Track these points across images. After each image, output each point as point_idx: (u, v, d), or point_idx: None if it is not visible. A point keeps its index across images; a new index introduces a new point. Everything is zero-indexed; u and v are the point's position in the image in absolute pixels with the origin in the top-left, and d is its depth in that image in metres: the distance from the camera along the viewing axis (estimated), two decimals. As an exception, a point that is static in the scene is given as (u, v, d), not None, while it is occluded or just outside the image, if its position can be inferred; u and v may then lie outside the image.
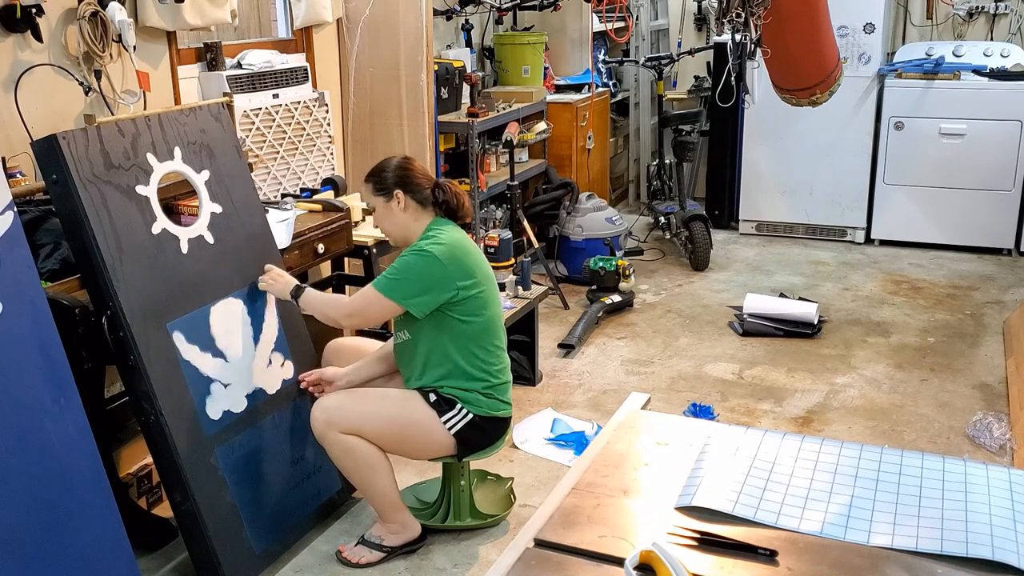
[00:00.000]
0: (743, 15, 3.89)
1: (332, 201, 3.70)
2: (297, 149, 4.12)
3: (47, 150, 2.54)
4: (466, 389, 2.77)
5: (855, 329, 4.71)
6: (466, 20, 5.59)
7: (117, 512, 2.49)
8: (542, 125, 5.61)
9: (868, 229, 6.16)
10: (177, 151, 2.87)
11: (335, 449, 2.75)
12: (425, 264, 2.71)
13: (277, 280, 2.92)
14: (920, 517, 1.57)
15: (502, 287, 3.99)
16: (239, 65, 3.92)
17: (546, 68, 5.98)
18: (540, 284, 4.29)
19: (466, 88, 5.10)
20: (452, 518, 2.97)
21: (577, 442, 3.51)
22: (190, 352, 2.72)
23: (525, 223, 5.08)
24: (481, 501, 3.04)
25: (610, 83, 6.86)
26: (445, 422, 2.75)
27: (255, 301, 2.98)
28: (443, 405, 2.76)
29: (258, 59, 3.96)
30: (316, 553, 2.94)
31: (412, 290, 2.71)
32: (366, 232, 3.83)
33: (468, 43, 5.63)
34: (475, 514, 2.99)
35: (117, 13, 3.27)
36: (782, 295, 5.09)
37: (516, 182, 5.01)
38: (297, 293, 2.86)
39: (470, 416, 2.77)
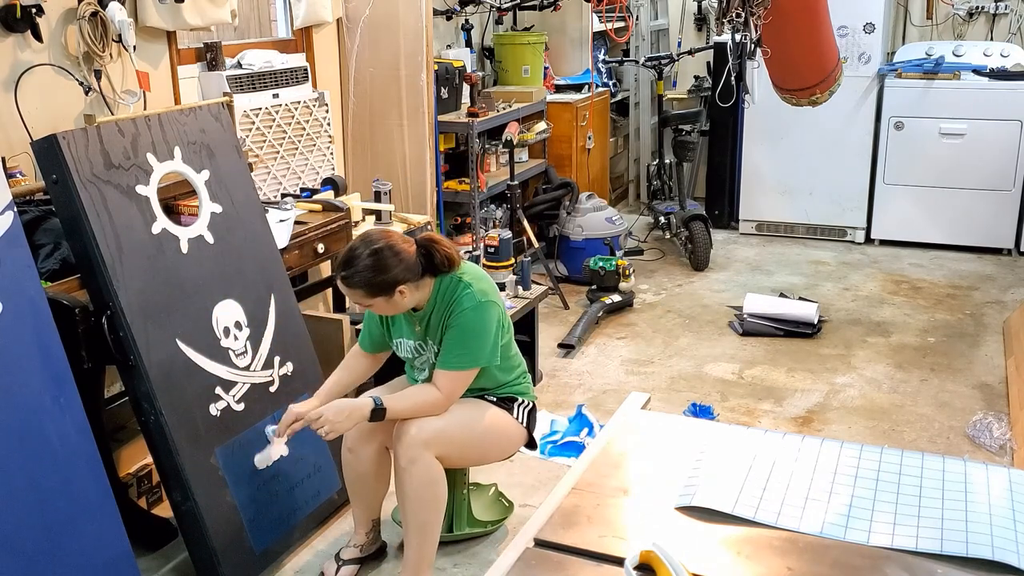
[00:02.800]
0: (743, 15, 3.89)
1: (332, 201, 3.70)
2: (297, 149, 4.12)
3: (47, 150, 2.54)
4: (515, 383, 2.78)
5: (855, 329, 4.71)
6: (466, 20, 5.59)
7: (117, 512, 2.49)
8: (542, 125, 5.61)
9: (868, 229, 6.16)
10: (177, 151, 2.87)
11: (423, 476, 2.51)
12: (489, 316, 2.57)
13: (342, 416, 2.54)
14: (920, 517, 1.57)
15: (502, 287, 4.00)
16: (239, 65, 3.92)
17: (546, 68, 5.98)
18: (540, 284, 4.29)
19: (466, 88, 5.10)
20: (456, 527, 2.95)
21: (577, 449, 3.51)
22: (190, 352, 2.72)
23: (525, 223, 5.08)
24: (475, 509, 3.03)
25: (610, 83, 6.86)
26: (516, 416, 2.75)
27: (255, 301, 2.98)
28: (506, 403, 2.75)
29: (258, 59, 3.96)
30: (316, 553, 2.94)
31: (488, 346, 2.58)
32: (366, 232, 3.83)
33: (468, 43, 5.63)
34: (473, 522, 2.98)
35: (117, 13, 3.27)
36: (782, 295, 5.09)
37: (516, 182, 5.01)
38: (378, 413, 2.54)
39: (529, 404, 2.81)
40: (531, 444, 2.86)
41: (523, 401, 2.79)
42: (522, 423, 2.77)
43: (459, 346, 2.56)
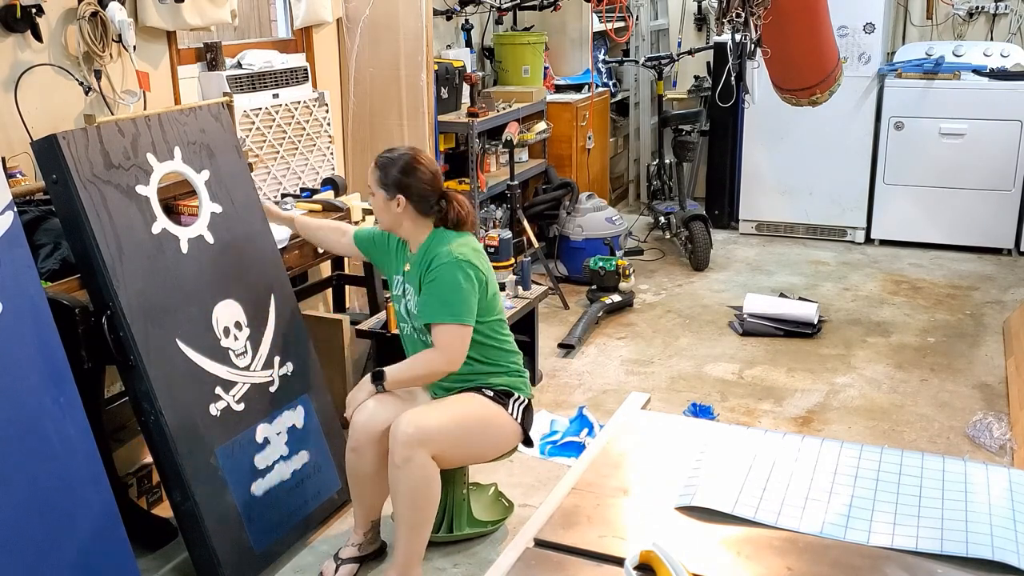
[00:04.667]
0: (743, 15, 3.89)
1: (332, 201, 3.70)
2: (297, 149, 4.12)
3: (47, 150, 2.54)
4: (511, 374, 2.79)
5: (855, 329, 4.71)
6: (466, 20, 5.59)
7: (117, 512, 2.49)
8: (542, 125, 5.61)
9: (868, 229, 6.16)
10: (177, 151, 2.87)
11: (417, 474, 2.52)
12: (462, 273, 2.63)
13: (354, 392, 2.76)
14: (920, 517, 1.57)
15: (502, 287, 4.00)
16: (239, 65, 3.92)
17: (546, 68, 5.98)
18: (540, 284, 4.29)
19: (466, 88, 5.10)
20: (456, 528, 2.94)
21: (577, 449, 3.51)
22: (190, 352, 2.72)
23: (525, 223, 5.08)
24: (475, 508, 3.03)
25: (610, 83, 6.86)
26: (511, 412, 2.75)
27: (255, 301, 2.98)
28: (502, 397, 2.75)
29: (258, 59, 3.96)
30: (316, 553, 2.94)
31: (465, 303, 2.63)
32: (366, 232, 3.83)
33: (468, 43, 5.63)
34: (473, 522, 2.98)
35: (117, 13, 3.27)
36: (782, 295, 5.09)
37: (516, 182, 5.01)
38: (379, 377, 2.68)
39: (525, 400, 2.81)
40: (527, 442, 2.87)
41: (519, 397, 2.80)
42: (517, 420, 2.77)
43: (437, 300, 2.63)
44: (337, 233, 3.12)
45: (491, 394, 2.74)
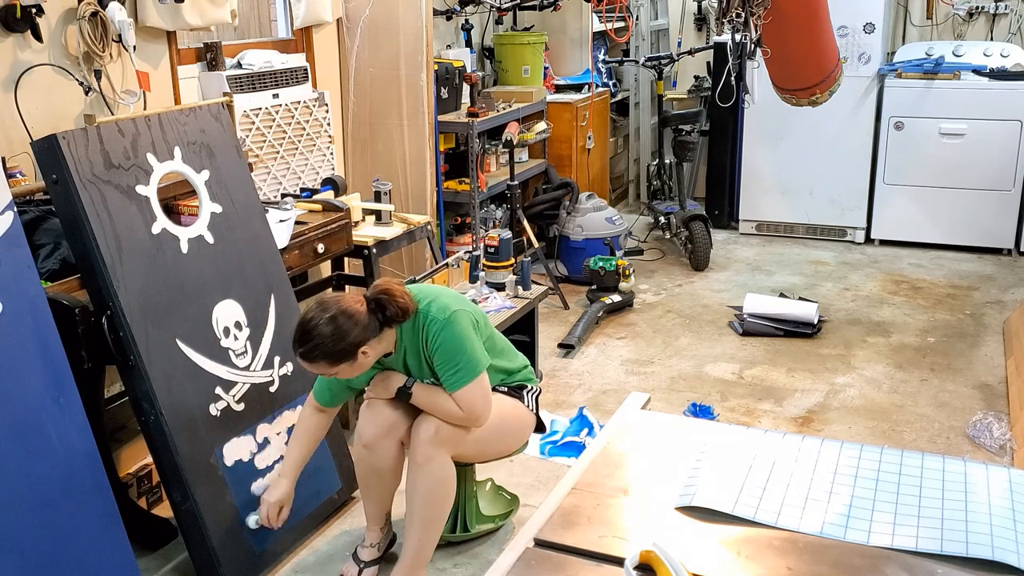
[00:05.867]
0: (743, 15, 3.88)
1: (332, 201, 3.70)
2: (297, 149, 4.12)
3: (47, 150, 2.54)
4: (521, 371, 2.80)
5: (855, 329, 4.71)
6: (466, 20, 5.59)
7: (117, 512, 2.49)
8: (542, 125, 5.61)
9: (868, 229, 6.16)
10: (177, 151, 2.87)
11: (437, 473, 2.53)
12: (460, 325, 2.53)
13: (381, 384, 2.64)
14: (920, 517, 1.57)
15: (502, 287, 4.00)
16: (239, 65, 3.92)
17: (546, 68, 5.98)
18: (540, 284, 4.29)
19: (466, 88, 5.10)
20: (470, 524, 2.93)
21: (577, 449, 3.51)
22: (190, 352, 2.72)
23: (525, 223, 5.08)
24: (480, 505, 3.03)
25: (610, 83, 6.86)
26: (527, 404, 2.78)
27: (255, 301, 2.98)
28: (517, 391, 2.78)
29: (258, 59, 3.96)
30: (316, 553, 2.94)
31: (476, 351, 2.54)
32: (366, 232, 3.83)
33: (468, 43, 5.63)
34: (481, 518, 2.97)
35: (117, 13, 3.27)
36: (782, 295, 5.09)
37: (516, 182, 5.01)
38: (403, 394, 2.59)
39: (536, 390, 2.83)
40: (539, 428, 2.88)
41: (531, 388, 2.83)
42: (533, 410, 2.81)
43: (451, 366, 2.52)
44: (313, 422, 2.77)
45: (506, 390, 2.76)
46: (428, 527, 2.61)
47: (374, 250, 3.75)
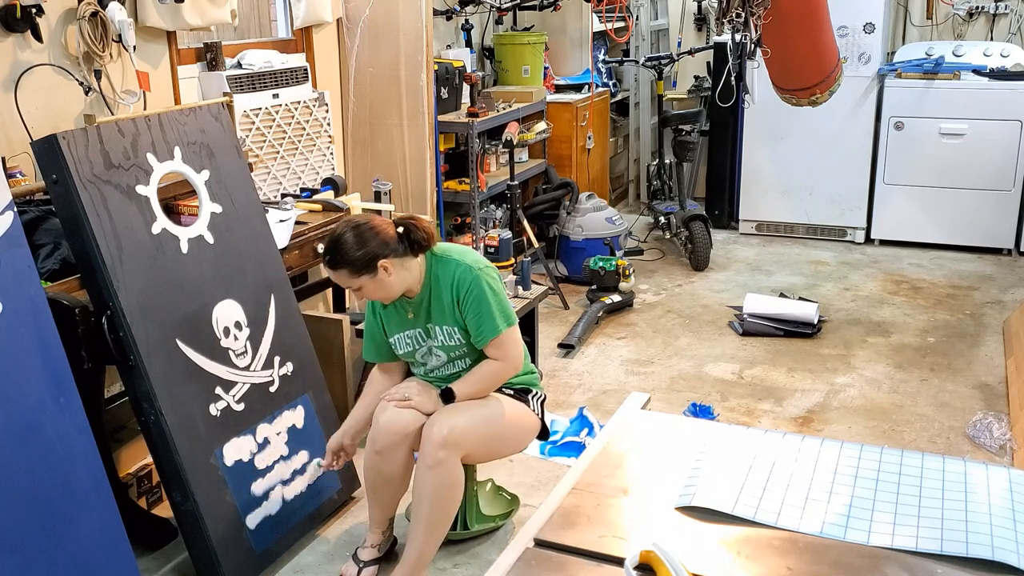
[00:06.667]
0: (743, 15, 3.88)
1: (332, 201, 3.70)
2: (297, 149, 4.12)
3: (47, 150, 2.54)
4: (526, 373, 2.81)
5: (855, 329, 4.71)
6: (466, 20, 5.59)
7: (117, 512, 2.49)
8: (542, 125, 5.61)
9: (868, 229, 6.16)
10: (177, 151, 2.87)
11: (446, 477, 2.55)
12: (492, 279, 2.66)
13: (426, 395, 2.68)
14: (920, 517, 1.57)
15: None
16: (239, 65, 3.92)
17: (546, 68, 5.98)
18: (540, 284, 4.29)
19: (466, 88, 5.10)
20: (470, 523, 2.94)
21: (577, 449, 3.51)
22: (190, 352, 2.72)
23: (525, 223, 5.08)
24: (480, 505, 3.03)
25: (610, 83, 6.86)
26: (532, 409, 2.79)
27: (255, 301, 2.98)
28: (522, 395, 2.79)
29: (258, 59, 3.96)
30: (316, 553, 2.94)
31: (506, 303, 2.67)
32: (366, 232, 3.82)
33: (468, 43, 5.63)
34: (481, 518, 2.98)
35: (117, 13, 3.27)
36: (782, 295, 5.09)
37: (516, 182, 5.01)
38: (448, 397, 2.64)
39: (542, 396, 2.85)
40: (543, 434, 2.90)
41: (536, 392, 2.84)
42: (538, 414, 2.81)
43: (488, 312, 2.60)
44: (378, 384, 2.85)
45: (511, 392, 2.76)
46: (433, 530, 2.61)
47: (374, 250, 3.75)
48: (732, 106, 5.68)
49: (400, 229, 2.59)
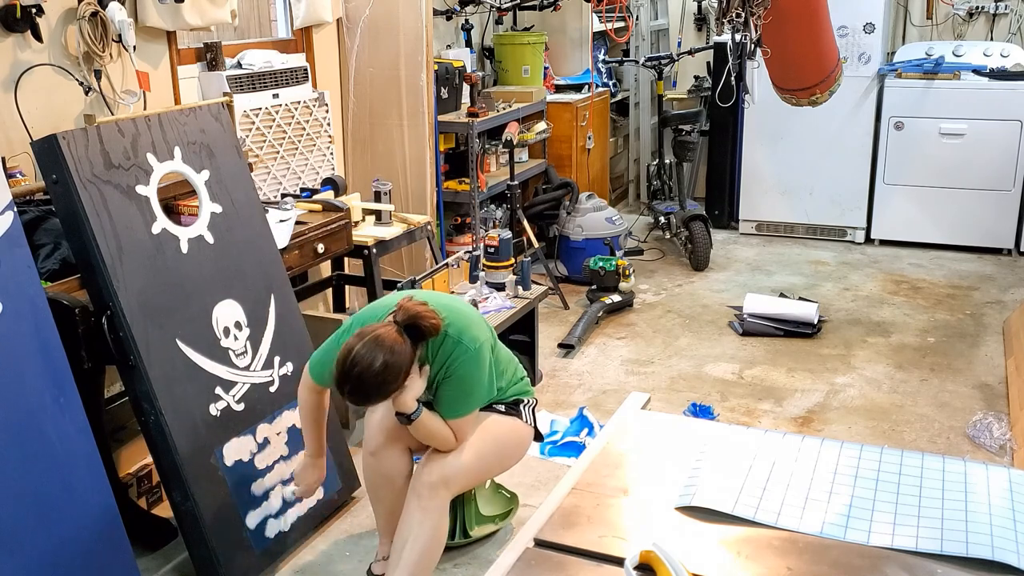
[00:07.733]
0: (743, 15, 3.88)
1: (332, 201, 3.70)
2: (297, 149, 4.12)
3: (47, 150, 2.54)
4: (515, 385, 2.74)
5: (855, 329, 4.71)
6: (466, 20, 5.59)
7: (117, 512, 2.49)
8: (542, 125, 5.61)
9: (868, 229, 6.16)
10: (177, 151, 2.87)
11: (436, 516, 2.51)
12: (483, 360, 2.51)
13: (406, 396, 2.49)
14: (920, 517, 1.57)
15: (502, 287, 4.00)
16: (239, 65, 3.92)
17: (546, 68, 5.98)
18: (540, 284, 4.29)
19: (466, 88, 5.10)
20: (469, 526, 2.93)
21: (577, 449, 3.51)
22: (190, 352, 2.72)
23: (525, 223, 5.08)
24: (479, 504, 3.02)
25: (610, 83, 6.86)
26: (525, 420, 2.73)
27: (255, 301, 2.98)
28: (513, 408, 2.71)
29: (258, 59, 3.96)
30: (316, 553, 2.94)
31: (485, 386, 2.54)
32: (366, 232, 3.83)
33: (468, 43, 5.63)
34: (481, 519, 2.96)
35: (117, 13, 3.27)
36: (782, 295, 5.09)
37: (516, 182, 5.01)
38: (410, 418, 2.47)
39: (533, 402, 2.78)
40: (537, 436, 2.85)
41: (527, 401, 2.76)
42: (531, 424, 2.75)
43: (463, 396, 2.51)
44: (316, 400, 2.68)
45: (503, 408, 2.69)
46: (429, 562, 2.54)
47: (374, 250, 3.75)
48: (732, 106, 5.68)
49: (408, 330, 2.36)
